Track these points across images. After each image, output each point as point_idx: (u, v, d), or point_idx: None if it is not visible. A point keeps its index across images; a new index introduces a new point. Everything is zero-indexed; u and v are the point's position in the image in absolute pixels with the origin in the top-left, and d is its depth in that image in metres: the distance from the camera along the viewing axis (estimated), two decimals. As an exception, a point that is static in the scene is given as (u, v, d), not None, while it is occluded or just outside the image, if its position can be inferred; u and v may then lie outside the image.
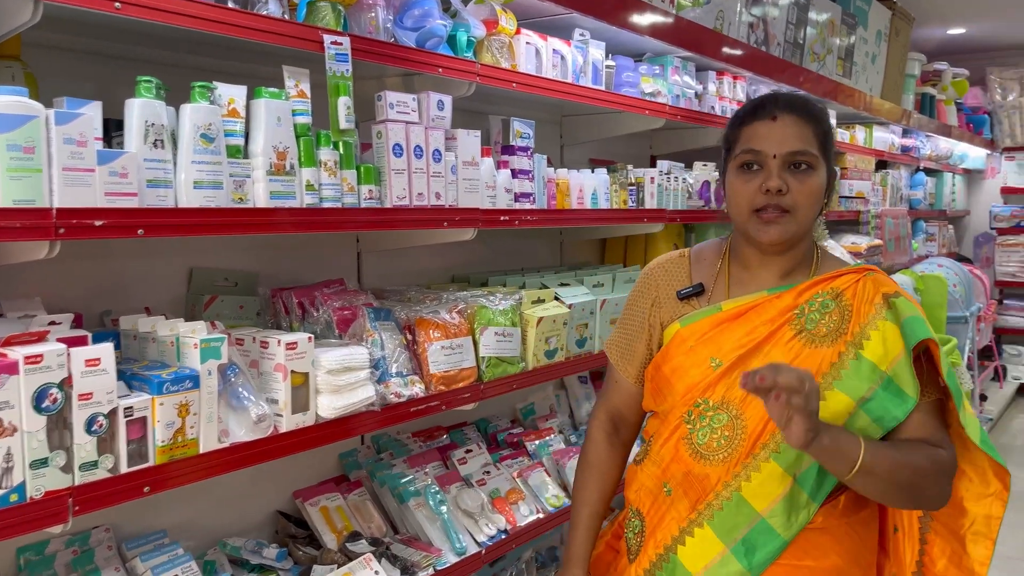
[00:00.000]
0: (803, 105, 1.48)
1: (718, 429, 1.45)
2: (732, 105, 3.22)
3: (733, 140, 1.50)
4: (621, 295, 2.56)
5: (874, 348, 1.41)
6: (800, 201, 1.43)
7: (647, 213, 2.68)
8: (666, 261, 1.65)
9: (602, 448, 1.68)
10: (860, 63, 4.32)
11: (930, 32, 6.14)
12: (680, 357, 1.51)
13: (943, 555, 1.51)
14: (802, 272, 1.52)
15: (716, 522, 1.44)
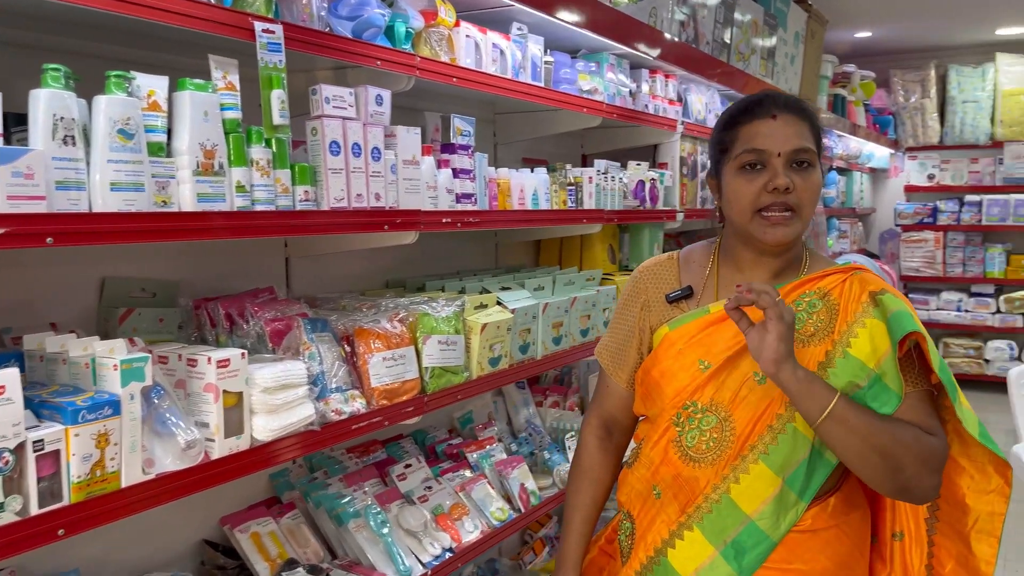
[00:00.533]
0: (798, 104, 1.47)
1: (707, 431, 1.44)
2: (664, 104, 3.20)
3: (730, 141, 1.47)
4: (562, 298, 2.49)
5: (861, 346, 1.40)
6: (804, 199, 1.42)
7: (586, 214, 2.61)
8: (655, 264, 1.64)
9: (595, 453, 1.67)
10: (781, 64, 4.38)
11: (840, 35, 6.33)
12: (669, 361, 1.50)
13: (950, 557, 1.49)
14: (792, 273, 1.51)
15: (706, 524, 1.43)
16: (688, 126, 3.33)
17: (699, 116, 3.51)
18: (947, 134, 7.03)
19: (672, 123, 3.21)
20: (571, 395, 3.01)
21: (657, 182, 3.12)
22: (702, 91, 3.57)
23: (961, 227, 6.96)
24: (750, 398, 1.43)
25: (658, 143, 3.33)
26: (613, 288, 2.82)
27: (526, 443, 2.67)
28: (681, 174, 3.35)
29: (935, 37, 6.70)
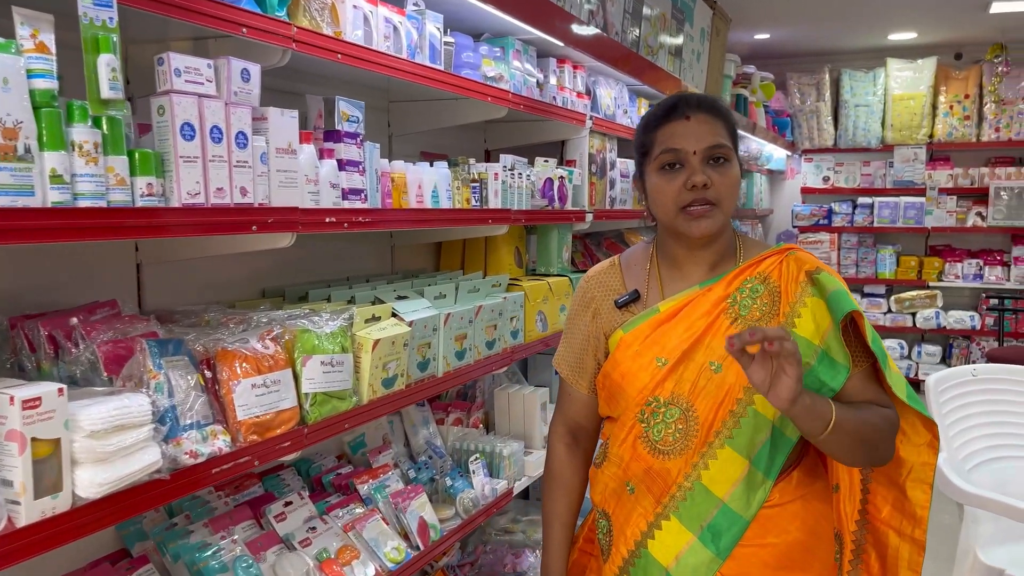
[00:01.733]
0: (711, 103, 1.54)
1: (671, 423, 1.50)
2: (573, 97, 2.98)
3: (649, 143, 1.53)
4: (466, 307, 2.23)
5: (806, 324, 1.47)
6: (723, 192, 1.48)
7: (492, 214, 2.36)
8: (598, 273, 1.69)
9: (564, 461, 1.72)
10: (688, 60, 4.26)
11: (740, 36, 6.31)
12: (628, 362, 1.55)
13: (886, 503, 1.57)
14: (728, 262, 1.57)
15: (682, 512, 1.49)
16: (597, 121, 3.13)
17: (608, 111, 3.32)
18: (841, 137, 7.15)
19: (581, 117, 3.01)
20: (475, 411, 2.76)
21: (566, 180, 2.90)
22: (611, 85, 3.38)
23: (854, 229, 7.09)
24: (708, 387, 1.49)
25: (566, 139, 3.12)
26: (520, 295, 2.59)
27: (426, 468, 2.40)
28: (590, 172, 3.15)
29: (829, 41, 6.80)
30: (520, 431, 2.79)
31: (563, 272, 3.02)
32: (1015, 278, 6.62)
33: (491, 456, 2.55)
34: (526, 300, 2.62)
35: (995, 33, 6.33)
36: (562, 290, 2.88)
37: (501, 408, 2.82)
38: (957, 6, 5.62)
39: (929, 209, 6.84)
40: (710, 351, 1.50)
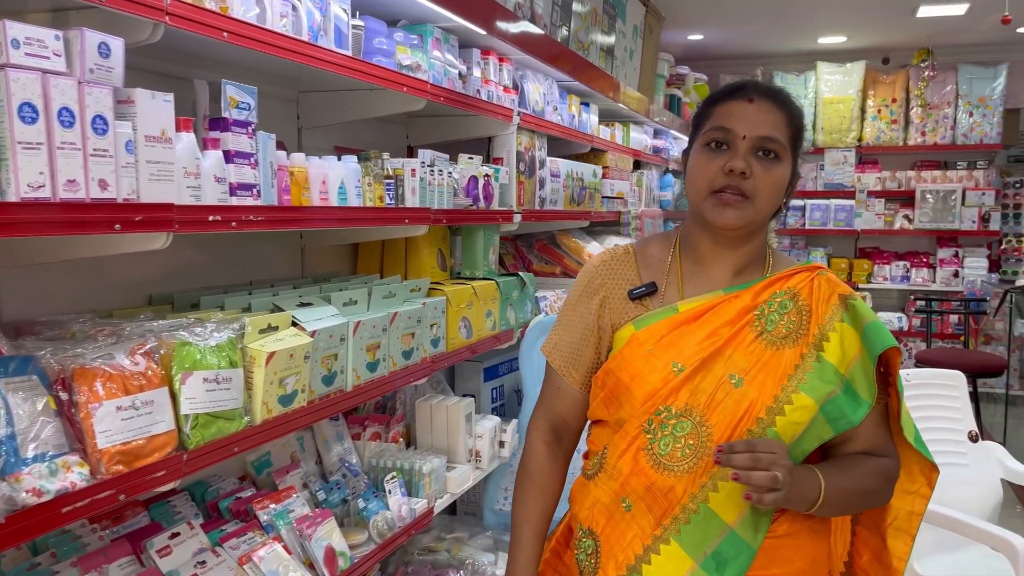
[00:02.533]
0: (782, 95, 1.43)
1: (681, 438, 1.38)
2: (498, 90, 2.83)
3: (704, 118, 1.44)
4: (379, 315, 2.05)
5: (833, 350, 1.40)
6: (762, 189, 1.38)
7: (409, 213, 2.19)
8: (611, 259, 1.55)
9: (544, 460, 1.58)
10: (620, 58, 4.15)
11: (673, 36, 6.27)
12: (639, 362, 1.43)
13: (867, 548, 1.52)
14: (756, 270, 1.48)
15: (684, 536, 1.37)
16: (525, 117, 2.99)
17: (537, 107, 3.17)
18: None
19: (508, 113, 2.86)
20: (395, 424, 2.58)
21: (492, 179, 2.75)
22: (540, 80, 3.24)
23: (787, 231, 7.12)
24: (726, 403, 1.38)
25: (492, 135, 2.96)
26: (442, 300, 2.42)
27: (337, 489, 2.21)
28: (518, 171, 3.00)
29: (761, 43, 6.81)
30: (443, 445, 2.62)
31: (490, 275, 2.86)
32: (940, 280, 6.72)
33: (410, 474, 2.37)
34: (448, 306, 2.45)
35: (921, 38, 6.42)
36: (488, 294, 2.73)
37: (423, 421, 2.64)
38: (885, 10, 5.67)
39: (858, 211, 6.91)
40: (731, 363, 1.39)
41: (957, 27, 6.06)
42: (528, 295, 3.12)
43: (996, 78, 6.56)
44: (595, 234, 4.32)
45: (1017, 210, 6.58)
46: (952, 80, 6.65)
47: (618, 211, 4.36)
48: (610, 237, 4.30)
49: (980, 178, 6.63)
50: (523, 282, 3.04)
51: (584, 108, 3.78)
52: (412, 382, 2.28)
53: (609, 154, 4.15)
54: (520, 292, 3.02)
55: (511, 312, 2.95)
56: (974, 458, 2.67)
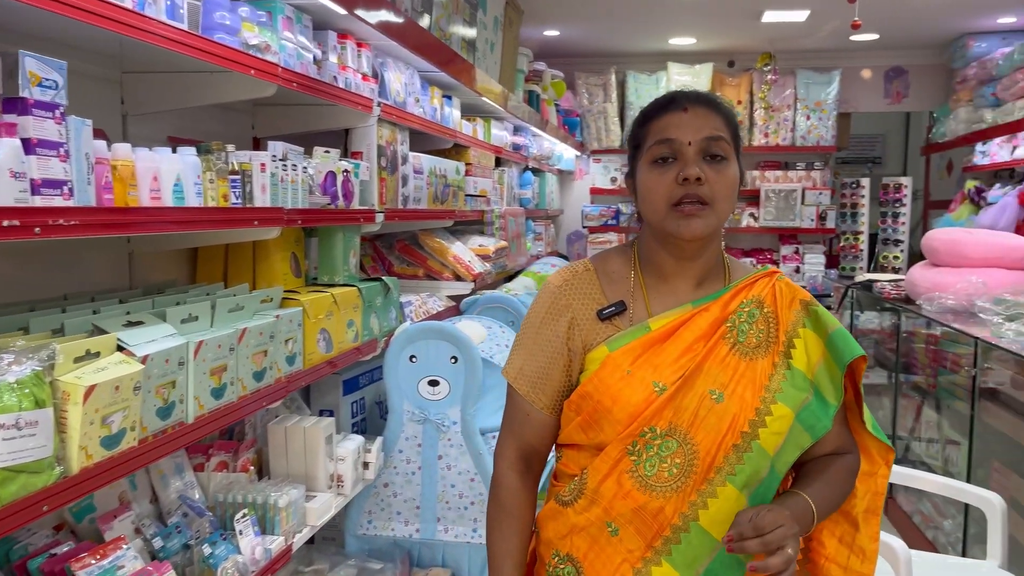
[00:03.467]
0: (711, 98, 1.45)
1: (667, 458, 1.38)
2: (356, 78, 2.59)
3: (642, 136, 1.44)
4: (225, 332, 1.77)
5: (800, 357, 1.42)
6: (719, 192, 1.38)
7: (259, 213, 1.91)
8: (572, 277, 1.50)
9: (518, 491, 1.52)
10: (482, 50, 3.99)
11: (531, 32, 6.18)
12: (619, 384, 1.40)
13: (832, 537, 1.50)
14: (716, 279, 1.48)
15: (675, 557, 1.37)
16: (386, 108, 2.75)
17: (399, 98, 2.95)
18: (627, 138, 7.24)
19: (368, 103, 2.61)
20: (244, 451, 2.29)
21: (351, 175, 2.50)
22: (401, 69, 3.01)
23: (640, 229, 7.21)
24: (709, 419, 1.38)
25: (351, 127, 2.71)
26: (298, 311, 2.16)
27: (177, 533, 1.91)
28: (380, 166, 2.77)
29: (616, 43, 6.85)
30: (300, 472, 2.35)
31: (350, 281, 2.61)
32: (783, 275, 7.02)
33: (263, 508, 2.10)
34: (305, 317, 2.19)
35: (764, 43, 6.66)
36: (349, 302, 2.48)
37: (277, 445, 2.36)
38: (732, 14, 5.82)
39: (708, 210, 7.10)
40: (709, 378, 1.39)
41: (797, 33, 6.33)
42: (392, 301, 2.89)
43: (830, 84, 6.91)
44: (458, 234, 4.14)
45: (854, 209, 6.98)
46: (791, 84, 6.95)
47: (481, 210, 4.20)
48: (474, 237, 4.13)
49: (817, 178, 6.98)
50: (387, 287, 2.81)
51: (447, 101, 3.59)
52: (265, 406, 2.01)
53: (472, 150, 3.97)
54: (384, 298, 2.79)
55: (375, 320, 2.72)
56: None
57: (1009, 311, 3.07)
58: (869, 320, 5.09)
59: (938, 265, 4.05)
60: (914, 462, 4.12)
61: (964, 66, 6.36)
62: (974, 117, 6.16)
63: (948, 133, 6.56)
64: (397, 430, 2.82)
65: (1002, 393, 3.01)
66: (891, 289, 4.44)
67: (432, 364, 2.78)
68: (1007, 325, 2.98)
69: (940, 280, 3.87)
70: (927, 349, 3.84)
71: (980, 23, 6.00)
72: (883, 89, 7.20)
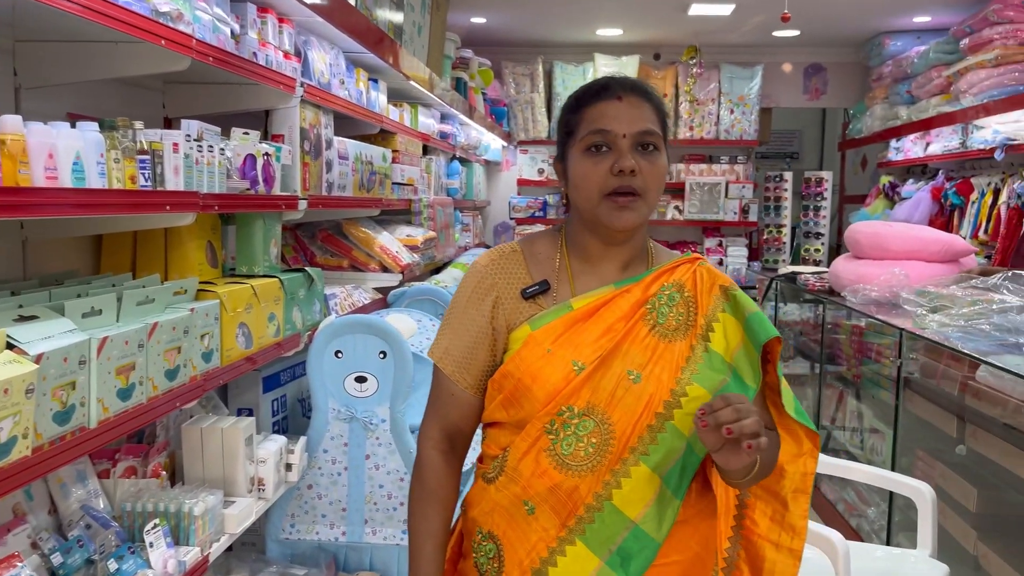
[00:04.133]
0: (644, 88, 1.46)
1: (584, 437, 1.39)
2: (277, 55, 2.43)
3: (575, 123, 1.45)
4: (133, 327, 1.62)
5: (719, 340, 1.43)
6: (651, 183, 1.40)
7: (171, 197, 1.76)
8: (499, 258, 1.52)
9: (441, 472, 1.53)
10: (409, 32, 3.85)
11: (457, 18, 6.05)
12: (538, 362, 1.42)
13: (765, 516, 1.52)
14: (640, 263, 1.50)
15: (589, 536, 1.38)
16: (310, 89, 2.60)
17: (323, 79, 2.80)
18: (554, 129, 7.18)
19: (290, 82, 2.46)
20: (155, 455, 2.12)
21: (273, 158, 2.35)
22: (325, 48, 2.86)
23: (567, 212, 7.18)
24: (626, 399, 1.39)
25: (272, 108, 2.55)
26: (215, 304, 2.00)
27: (79, 547, 1.74)
28: (303, 151, 2.62)
29: (542, 32, 6.79)
30: (218, 476, 2.20)
31: (271, 271, 2.46)
32: (707, 267, 7.10)
33: (177, 517, 1.94)
34: (223, 311, 2.04)
35: (690, 36, 6.71)
36: (270, 294, 2.33)
37: (192, 448, 2.20)
38: (659, 5, 5.82)
39: (634, 202, 7.12)
40: (627, 359, 1.40)
41: (722, 27, 6.38)
42: (316, 293, 2.74)
43: (753, 79, 7.01)
44: (384, 223, 4.00)
45: (777, 203, 7.10)
46: (716, 78, 7.02)
47: (409, 199, 4.07)
48: (401, 227, 4.00)
49: (740, 172, 7.07)
50: (311, 278, 2.66)
51: (373, 85, 3.44)
52: (179, 407, 1.85)
53: (399, 137, 3.84)
54: (307, 290, 2.65)
55: (297, 314, 2.57)
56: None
57: (932, 303, 3.13)
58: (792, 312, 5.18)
59: (860, 258, 4.12)
60: (837, 450, 4.20)
61: (880, 64, 6.54)
62: (889, 114, 6.33)
63: (864, 129, 6.73)
64: (322, 429, 2.68)
65: (925, 383, 3.07)
66: (815, 281, 4.51)
67: (359, 359, 2.65)
68: (930, 316, 3.03)
69: (863, 272, 3.93)
70: (851, 340, 3.90)
71: (896, 22, 6.17)
72: (802, 85, 7.35)
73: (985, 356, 2.57)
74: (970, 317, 2.85)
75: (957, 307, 2.90)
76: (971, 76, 4.98)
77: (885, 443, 3.42)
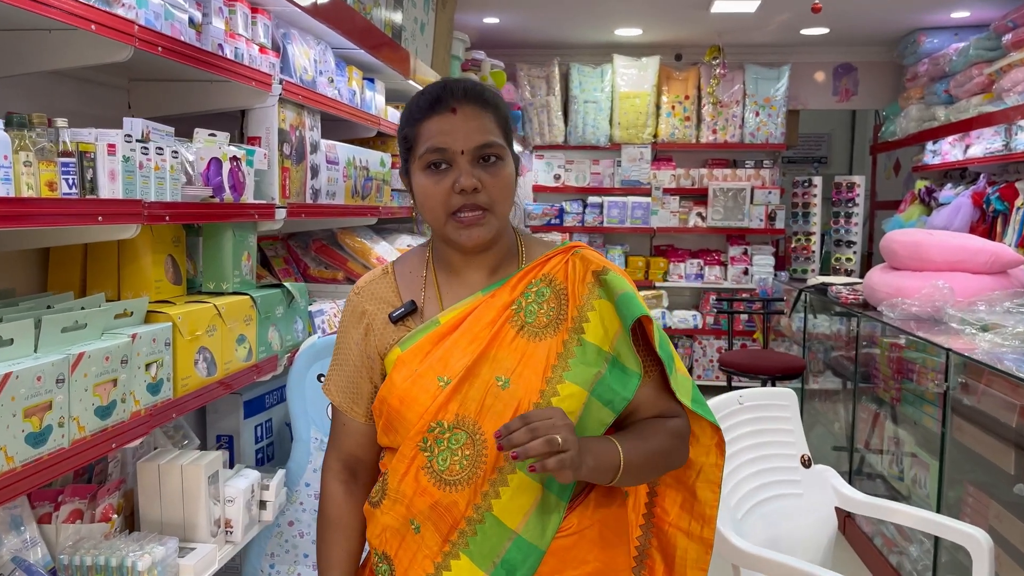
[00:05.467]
0: (479, 93, 1.39)
1: (458, 450, 1.36)
2: (251, 49, 2.19)
3: (413, 138, 1.38)
4: (52, 358, 1.37)
5: (595, 330, 1.38)
6: (496, 196, 1.36)
7: (105, 206, 1.51)
8: (369, 283, 1.51)
9: (341, 502, 1.52)
10: (410, 29, 3.61)
11: (468, 18, 5.82)
12: (406, 384, 1.39)
13: (675, 504, 1.52)
14: (510, 264, 1.46)
15: (472, 549, 1.36)
16: (290, 87, 2.36)
17: (306, 76, 2.56)
18: (571, 134, 6.94)
19: (265, 79, 2.22)
20: (106, 496, 1.88)
21: (243, 163, 2.11)
22: (310, 43, 2.62)
23: (585, 228, 6.92)
24: (496, 406, 1.36)
25: (247, 108, 2.32)
26: (167, 327, 1.76)
27: (-1, 613, 1.51)
28: (283, 154, 2.38)
29: (558, 33, 6.54)
30: (177, 519, 1.95)
31: (243, 288, 2.22)
32: (731, 277, 6.80)
33: (119, 573, 1.70)
34: (176, 334, 1.80)
35: (712, 35, 6.42)
36: (240, 314, 2.09)
37: (149, 487, 1.96)
38: (680, 3, 5.55)
39: (654, 209, 6.84)
40: (496, 365, 1.36)
41: (746, 26, 6.09)
42: (297, 311, 2.50)
43: (779, 79, 6.70)
44: (384, 232, 3.76)
45: (806, 209, 6.77)
46: (740, 79, 6.72)
47: (411, 206, 3.82)
48: (402, 236, 3.75)
49: (767, 177, 6.76)
50: (290, 295, 2.42)
51: (369, 84, 3.20)
52: (117, 448, 1.61)
53: (399, 140, 3.58)
54: (286, 308, 2.40)
55: (275, 334, 2.33)
56: (808, 486, 2.40)
57: (981, 320, 2.82)
58: (822, 325, 4.86)
59: (898, 268, 3.81)
60: (873, 476, 3.88)
61: (915, 63, 6.21)
62: (926, 115, 6.00)
63: (899, 131, 6.40)
64: (303, 461, 2.43)
65: (976, 410, 2.76)
66: (848, 293, 4.19)
67: (344, 384, 2.40)
68: (981, 335, 2.73)
69: (902, 284, 3.62)
70: (889, 358, 3.59)
71: (932, 18, 5.84)
72: (832, 86, 7.03)
73: (1049, 383, 2.27)
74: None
75: (1013, 326, 2.59)
76: (1015, 73, 4.66)
77: (929, 475, 3.11)
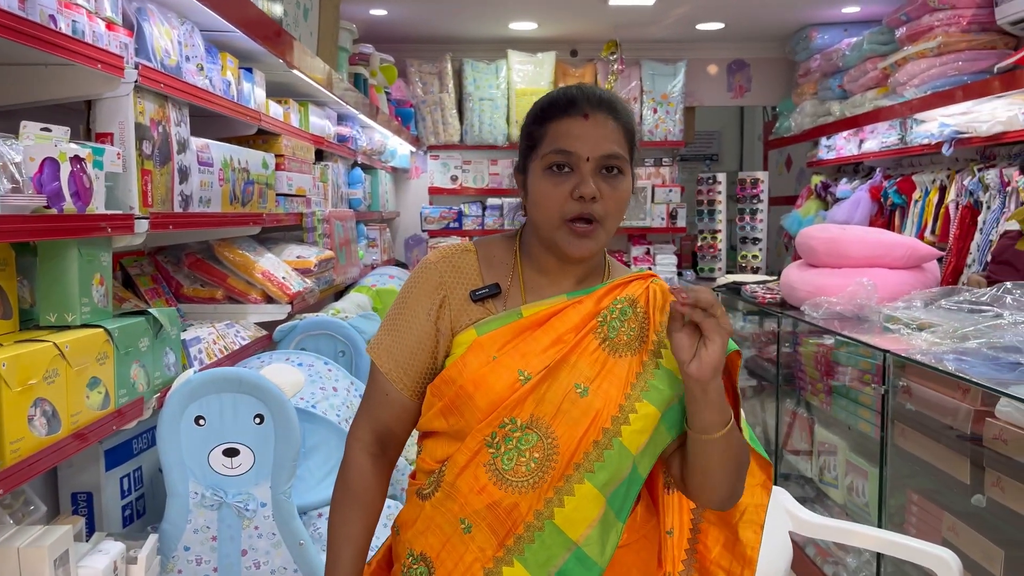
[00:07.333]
0: (613, 103, 1.39)
1: (526, 451, 1.33)
2: (92, 23, 1.78)
3: (539, 137, 1.39)
4: None
5: (670, 357, 1.36)
6: (611, 209, 1.37)
7: None
8: (452, 255, 1.46)
9: (368, 474, 1.47)
10: (292, 15, 3.22)
11: (355, 9, 5.42)
12: (482, 369, 1.36)
13: (717, 543, 1.51)
14: (596, 277, 1.47)
15: (528, 557, 1.33)
16: (148, 72, 1.95)
17: (168, 61, 2.15)
18: (467, 133, 6.63)
19: (116, 62, 1.81)
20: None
21: (88, 164, 1.69)
22: (172, 22, 2.21)
23: (485, 231, 6.63)
24: (572, 412, 1.34)
25: (93, 98, 1.90)
26: (-16, 379, 1.34)
27: None
28: (143, 154, 1.97)
29: (449, 26, 6.22)
30: (12, 619, 1.53)
31: (95, 319, 1.80)
32: (635, 277, 6.65)
33: None
34: (2, 386, 1.38)
35: (609, 30, 6.25)
36: (90, 351, 1.68)
37: (-29, 582, 1.53)
38: (579, -5, 5.34)
39: (555, 209, 6.62)
40: (576, 371, 1.34)
41: (643, 20, 5.95)
42: (168, 340, 2.09)
43: (676, 75, 6.61)
44: (270, 243, 3.35)
45: (711, 206, 6.71)
46: (637, 76, 6.59)
47: (299, 212, 3.42)
48: (290, 246, 3.35)
49: (667, 175, 6.66)
50: (157, 323, 2.01)
51: (246, 75, 2.80)
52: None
53: (284, 139, 3.19)
54: (153, 338, 1.99)
55: (139, 371, 1.92)
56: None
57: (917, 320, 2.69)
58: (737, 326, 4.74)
59: (816, 266, 3.70)
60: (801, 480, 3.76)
61: (807, 58, 6.22)
62: (820, 110, 6.02)
63: (794, 127, 6.41)
64: (181, 520, 2.04)
65: (921, 415, 2.62)
66: (764, 292, 4.07)
67: (228, 427, 2.02)
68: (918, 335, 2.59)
69: (822, 283, 3.51)
70: (817, 360, 3.46)
71: (823, 14, 5.86)
72: (727, 83, 7.00)
73: (1004, 387, 2.12)
74: (968, 337, 2.42)
75: (956, 325, 2.46)
76: (911, 67, 4.66)
77: (868, 482, 2.97)
